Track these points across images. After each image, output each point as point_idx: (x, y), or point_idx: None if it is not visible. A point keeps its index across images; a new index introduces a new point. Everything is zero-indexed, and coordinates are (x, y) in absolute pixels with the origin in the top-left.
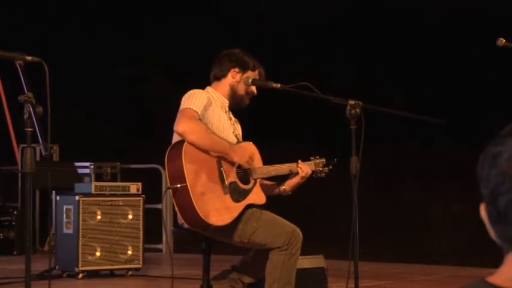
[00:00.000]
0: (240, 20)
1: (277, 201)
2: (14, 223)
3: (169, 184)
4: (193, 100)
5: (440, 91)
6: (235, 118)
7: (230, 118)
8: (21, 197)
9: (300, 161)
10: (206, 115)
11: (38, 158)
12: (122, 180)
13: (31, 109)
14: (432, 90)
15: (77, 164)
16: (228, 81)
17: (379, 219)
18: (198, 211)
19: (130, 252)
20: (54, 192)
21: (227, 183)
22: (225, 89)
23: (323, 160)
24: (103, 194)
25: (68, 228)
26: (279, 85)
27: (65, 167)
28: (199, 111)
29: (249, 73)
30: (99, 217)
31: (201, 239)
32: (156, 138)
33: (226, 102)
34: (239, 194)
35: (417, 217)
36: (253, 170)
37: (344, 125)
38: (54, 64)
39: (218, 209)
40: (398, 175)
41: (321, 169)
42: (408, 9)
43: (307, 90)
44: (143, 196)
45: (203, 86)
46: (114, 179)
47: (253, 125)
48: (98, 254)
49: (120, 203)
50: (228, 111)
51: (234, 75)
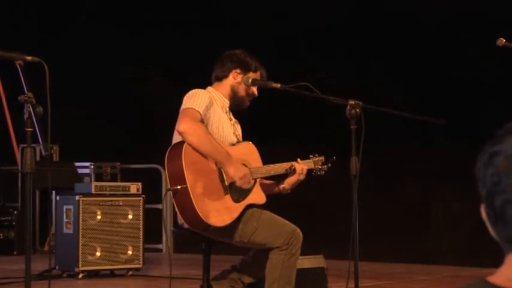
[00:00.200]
0: (240, 20)
1: (277, 201)
2: (14, 223)
3: (169, 184)
4: (195, 100)
5: (440, 91)
6: (235, 119)
7: (230, 119)
8: (21, 197)
9: (299, 159)
10: (207, 115)
11: (38, 158)
12: (122, 180)
13: (31, 109)
14: (432, 90)
15: (77, 164)
16: (229, 82)
17: (379, 219)
18: (199, 212)
19: (130, 252)
20: (54, 192)
21: (227, 183)
22: (226, 90)
23: (322, 158)
24: (103, 194)
25: (68, 228)
26: (279, 85)
27: (65, 167)
28: (201, 111)
29: (251, 74)
30: (99, 217)
31: (201, 239)
32: (156, 138)
33: (227, 102)
34: (239, 194)
35: (417, 217)
36: (252, 170)
37: (344, 125)
38: (54, 64)
39: (218, 210)
40: (398, 175)
41: (320, 167)
42: (408, 9)
43: (307, 90)
44: (143, 196)
45: (203, 86)
46: (114, 179)
47: (253, 125)
48: (98, 254)
49: (120, 203)
50: (229, 111)
51: (236, 76)
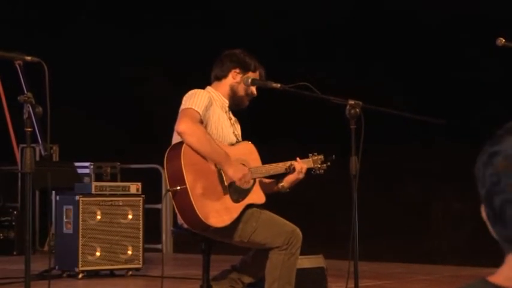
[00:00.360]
0: (240, 20)
1: (276, 200)
2: (14, 223)
3: (168, 185)
4: (194, 100)
5: (440, 91)
6: (235, 118)
7: (230, 118)
8: (21, 197)
9: (298, 158)
10: (207, 115)
11: (38, 158)
12: (122, 180)
13: (31, 109)
14: (432, 90)
15: (77, 164)
16: (229, 81)
17: (379, 219)
18: (198, 213)
19: (130, 252)
20: (54, 192)
21: (226, 183)
22: (225, 89)
23: (321, 157)
24: (103, 194)
25: (68, 228)
26: (279, 85)
27: (65, 167)
28: (200, 111)
29: (250, 74)
30: (99, 217)
31: (201, 239)
32: (156, 138)
33: (226, 102)
34: (239, 194)
35: (417, 217)
36: (252, 170)
37: (344, 125)
38: (53, 64)
39: (218, 210)
40: (398, 175)
41: (319, 166)
42: (408, 9)
43: (306, 90)
44: (143, 196)
45: (203, 86)
46: (114, 179)
47: (252, 125)
48: (98, 254)
49: (120, 203)
50: (228, 111)
51: (235, 75)
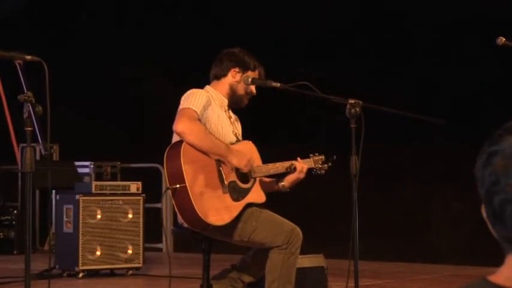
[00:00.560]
0: (240, 20)
1: (276, 200)
2: (14, 222)
3: (168, 184)
4: (192, 100)
5: (440, 91)
6: (235, 116)
7: (230, 117)
8: (21, 197)
9: (299, 158)
10: (205, 114)
11: (38, 158)
12: (122, 179)
13: (31, 108)
14: (432, 90)
15: (77, 164)
16: (228, 80)
17: (379, 218)
18: (198, 211)
19: (130, 251)
20: (54, 191)
21: (226, 182)
22: (225, 88)
23: (322, 157)
24: (103, 194)
25: (68, 227)
26: (279, 84)
27: (65, 167)
28: (198, 111)
29: (249, 73)
30: (99, 216)
31: (201, 239)
32: (156, 137)
33: (225, 101)
34: (238, 193)
35: (417, 216)
36: (252, 169)
37: (344, 124)
38: (54, 64)
39: (217, 209)
40: (398, 175)
41: (320, 166)
42: (408, 9)
43: (307, 89)
44: (143, 195)
45: (203, 86)
46: (114, 178)
47: (253, 124)
48: (98, 253)
49: (120, 202)
50: (228, 110)
51: (234, 75)
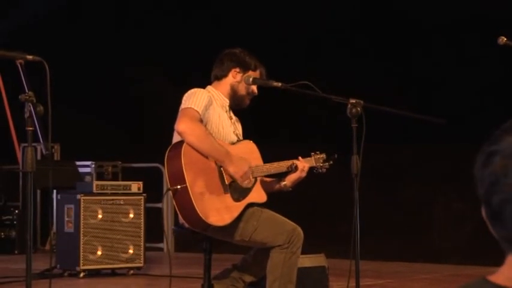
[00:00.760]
0: (241, 20)
1: (277, 199)
2: (15, 222)
3: (169, 184)
4: (194, 99)
5: (440, 91)
6: (236, 117)
7: (231, 117)
8: (22, 196)
9: (300, 157)
10: (207, 114)
11: (39, 157)
12: (123, 179)
13: (32, 108)
14: (432, 90)
15: (78, 163)
16: (229, 81)
17: (380, 218)
18: (198, 212)
19: (131, 251)
20: (55, 191)
21: (227, 182)
22: (226, 89)
23: (323, 156)
24: (104, 193)
25: (69, 227)
26: (280, 84)
27: (66, 166)
28: (200, 111)
29: (250, 73)
30: (100, 216)
31: (202, 238)
32: (157, 137)
33: (226, 101)
34: (239, 193)
35: (418, 216)
36: (253, 169)
37: (345, 124)
38: (55, 64)
39: (218, 209)
40: (398, 175)
41: (322, 164)
42: (408, 9)
43: (308, 89)
44: (144, 195)
45: (203, 86)
46: (115, 178)
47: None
48: (99, 253)
49: (121, 202)
50: (229, 110)
51: (235, 75)
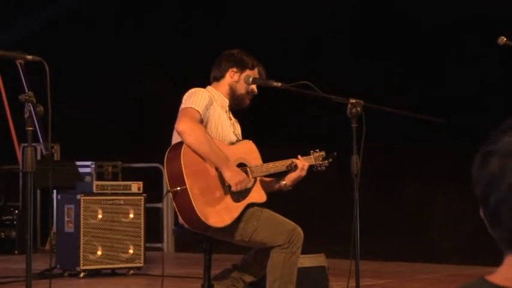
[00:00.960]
0: (241, 20)
1: (277, 199)
2: (15, 222)
3: (168, 186)
4: (195, 99)
5: (440, 90)
6: (235, 118)
7: (230, 118)
8: (22, 196)
9: (300, 156)
10: (207, 114)
11: (39, 157)
12: (123, 179)
13: (32, 108)
14: (432, 89)
15: (78, 163)
16: (227, 81)
17: (380, 218)
18: (198, 213)
19: (131, 251)
20: (55, 191)
21: (227, 183)
22: (225, 89)
23: (323, 153)
24: (104, 193)
25: (69, 227)
26: (280, 84)
27: (66, 166)
28: (200, 110)
29: (248, 72)
30: (100, 216)
31: (202, 239)
32: (157, 137)
33: (226, 101)
34: (239, 194)
35: (418, 216)
36: (252, 169)
37: (345, 124)
38: (55, 64)
39: (218, 210)
40: (398, 175)
41: (321, 162)
42: (408, 9)
43: (308, 89)
44: (144, 195)
45: (203, 86)
46: (115, 178)
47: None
48: (99, 253)
49: (121, 202)
50: (228, 111)
51: (232, 75)
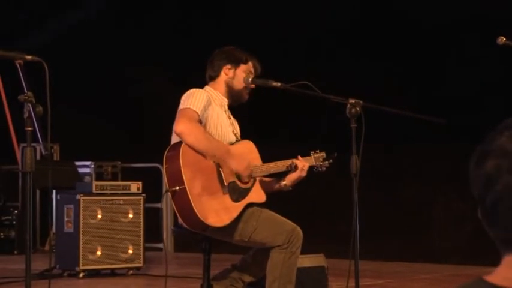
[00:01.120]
0: (241, 20)
1: (277, 199)
2: (15, 222)
3: (167, 186)
4: (193, 100)
5: (440, 90)
6: (233, 118)
7: (229, 117)
8: (21, 197)
9: (300, 156)
10: (206, 114)
11: (38, 158)
12: (123, 179)
13: (31, 108)
14: (432, 89)
15: (78, 163)
16: (223, 78)
17: (379, 218)
18: (197, 213)
19: (131, 251)
20: (54, 191)
21: (226, 183)
22: (222, 87)
23: (323, 154)
24: (104, 193)
25: (69, 227)
26: (279, 84)
27: (66, 167)
28: (199, 111)
29: (242, 67)
30: (99, 216)
31: (201, 239)
32: (156, 137)
33: (225, 100)
34: (239, 194)
35: (418, 216)
36: (252, 169)
37: (344, 124)
38: (54, 64)
39: (217, 210)
40: (398, 175)
41: (321, 163)
42: (408, 9)
43: (307, 89)
44: (144, 195)
45: (203, 86)
46: (114, 178)
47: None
48: (99, 253)
49: (120, 202)
50: (227, 110)
51: (227, 71)
